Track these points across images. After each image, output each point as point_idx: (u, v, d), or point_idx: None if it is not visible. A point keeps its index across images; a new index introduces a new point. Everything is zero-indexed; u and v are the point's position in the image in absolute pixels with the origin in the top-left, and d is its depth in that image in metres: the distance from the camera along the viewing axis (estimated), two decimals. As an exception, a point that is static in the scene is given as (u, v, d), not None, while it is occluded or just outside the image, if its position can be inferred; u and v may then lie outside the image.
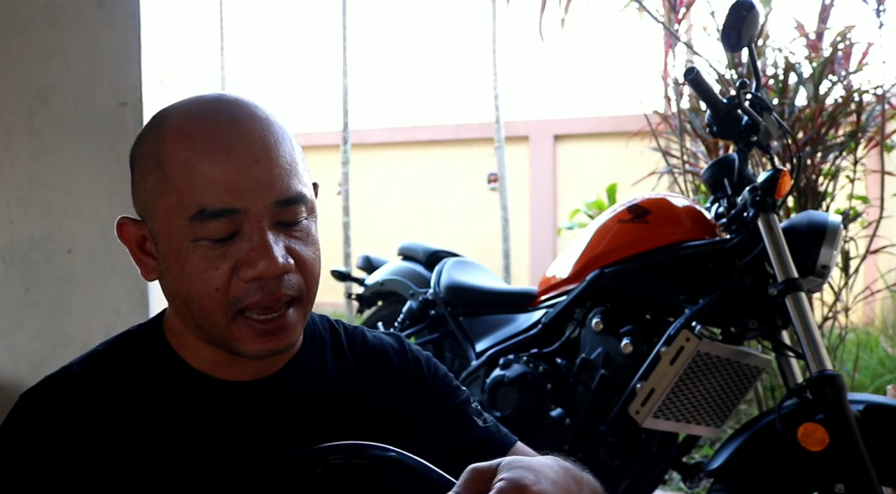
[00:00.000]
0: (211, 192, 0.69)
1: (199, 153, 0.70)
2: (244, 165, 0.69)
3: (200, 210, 0.69)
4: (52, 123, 1.93)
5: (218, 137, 0.70)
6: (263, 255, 0.69)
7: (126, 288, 1.92)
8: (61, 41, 1.93)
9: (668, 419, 1.68)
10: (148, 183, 0.73)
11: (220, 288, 0.70)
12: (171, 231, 0.71)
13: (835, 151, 2.69)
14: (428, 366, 0.88)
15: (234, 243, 0.70)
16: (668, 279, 1.74)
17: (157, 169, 0.72)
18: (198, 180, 0.69)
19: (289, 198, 0.71)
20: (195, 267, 0.70)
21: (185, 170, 0.70)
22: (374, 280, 2.56)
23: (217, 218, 0.69)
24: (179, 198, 0.70)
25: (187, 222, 0.69)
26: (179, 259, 0.71)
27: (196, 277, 0.70)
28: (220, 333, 0.72)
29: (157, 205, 0.72)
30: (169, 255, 0.72)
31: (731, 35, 1.58)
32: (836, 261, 1.66)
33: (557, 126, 7.43)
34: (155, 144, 0.72)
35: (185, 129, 0.71)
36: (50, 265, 1.93)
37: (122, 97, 1.92)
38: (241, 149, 0.70)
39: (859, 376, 3.41)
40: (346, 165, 6.27)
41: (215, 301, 0.70)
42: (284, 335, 0.73)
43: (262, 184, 0.70)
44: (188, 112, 0.73)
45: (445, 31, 10.89)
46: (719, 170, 1.77)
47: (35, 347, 1.92)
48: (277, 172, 0.71)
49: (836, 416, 1.44)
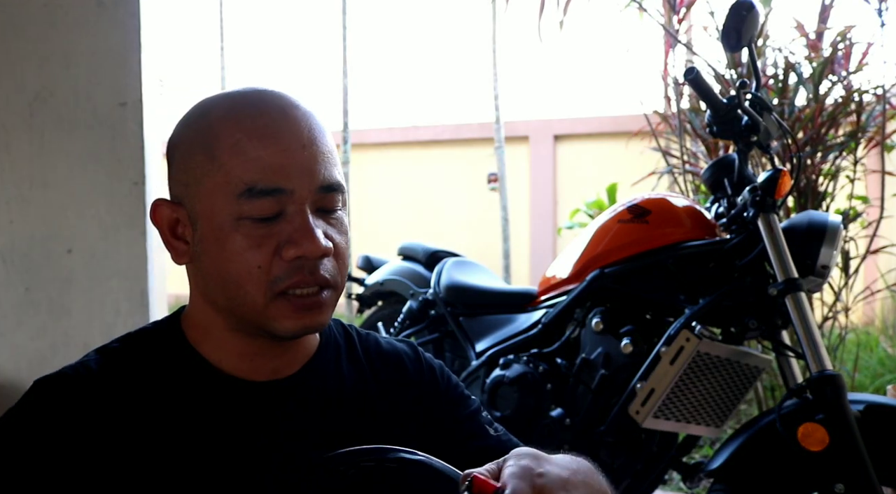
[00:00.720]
0: (260, 172, 0.71)
1: (248, 135, 0.72)
2: (292, 150, 0.72)
3: (249, 188, 0.71)
4: (52, 123, 1.93)
5: (267, 122, 0.73)
6: (306, 236, 0.71)
7: (126, 288, 1.92)
8: (61, 41, 1.93)
9: (668, 419, 1.68)
10: (191, 163, 0.74)
11: (262, 267, 0.71)
12: (213, 210, 0.72)
13: (835, 151, 2.69)
14: (441, 374, 0.89)
15: (277, 223, 0.72)
16: (669, 279, 1.74)
17: (203, 150, 0.73)
18: (248, 160, 0.71)
19: (331, 185, 0.74)
20: (237, 246, 0.71)
21: (234, 151, 0.72)
22: (374, 280, 2.56)
23: (264, 196, 0.71)
24: (227, 176, 0.71)
25: (234, 200, 0.71)
26: (221, 237, 0.72)
27: (238, 256, 0.71)
28: (256, 313, 0.73)
29: (200, 185, 0.73)
30: (209, 235, 0.73)
31: (731, 35, 1.58)
32: (836, 261, 1.66)
33: (557, 126, 7.43)
34: (201, 128, 0.74)
35: (234, 114, 0.74)
36: (50, 265, 1.93)
37: (122, 97, 1.92)
38: (289, 135, 0.73)
39: (859, 376, 3.42)
40: (346, 165, 6.27)
41: (256, 279, 0.71)
42: (318, 312, 0.74)
43: (308, 168, 0.73)
44: (235, 99, 0.75)
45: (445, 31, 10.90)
46: (719, 170, 1.77)
47: (35, 347, 1.92)
48: (321, 160, 0.74)
49: (836, 416, 1.44)
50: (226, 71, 7.38)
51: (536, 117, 7.60)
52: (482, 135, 7.21)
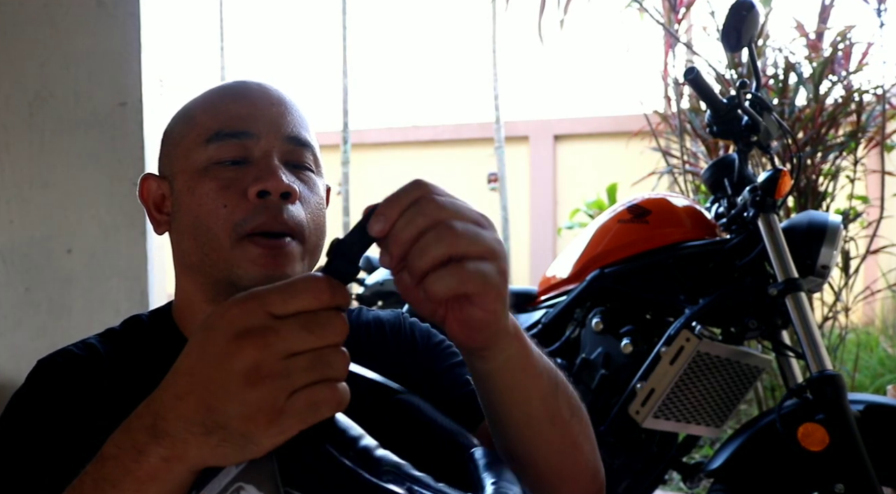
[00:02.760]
0: (228, 120, 0.75)
1: (221, 96, 0.77)
2: (260, 105, 0.76)
3: (216, 132, 0.74)
4: (52, 123, 1.93)
5: (241, 88, 0.78)
6: (269, 172, 0.73)
7: (126, 287, 1.92)
8: (61, 41, 1.93)
9: (668, 419, 1.68)
10: (174, 131, 0.79)
11: (228, 206, 0.72)
12: (187, 164, 0.76)
13: (835, 151, 2.69)
14: (421, 333, 0.89)
15: (244, 167, 0.74)
16: (669, 279, 1.74)
17: (183, 117, 0.79)
18: (218, 112, 0.76)
19: (298, 138, 0.77)
20: (206, 188, 0.73)
21: (206, 108, 0.77)
22: (375, 280, 2.56)
23: (230, 138, 0.74)
24: (199, 130, 0.75)
25: (203, 147, 0.74)
26: (192, 185, 0.74)
27: (206, 198, 0.73)
28: (223, 261, 0.73)
29: (178, 147, 0.77)
30: (183, 189, 0.75)
31: (731, 35, 1.58)
32: (836, 261, 1.66)
33: (557, 126, 7.44)
34: (186, 108, 0.80)
35: (215, 90, 0.80)
36: (50, 265, 1.93)
37: (122, 97, 1.92)
38: (260, 96, 0.77)
39: (859, 376, 3.42)
40: (346, 165, 6.27)
41: (222, 220, 0.72)
42: (283, 262, 0.73)
43: (275, 120, 0.76)
44: (222, 84, 0.81)
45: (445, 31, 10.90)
46: (719, 170, 1.77)
47: (35, 347, 1.92)
48: (290, 118, 0.77)
49: (836, 416, 1.44)
50: (226, 71, 7.38)
51: (536, 117, 7.60)
52: (482, 135, 7.21)
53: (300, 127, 0.77)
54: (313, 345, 0.46)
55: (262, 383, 0.44)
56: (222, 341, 0.45)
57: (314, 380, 0.45)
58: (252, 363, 0.44)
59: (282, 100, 0.78)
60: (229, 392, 0.44)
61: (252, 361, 0.44)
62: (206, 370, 0.46)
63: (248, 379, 0.44)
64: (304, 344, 0.45)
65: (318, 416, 0.46)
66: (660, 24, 3.00)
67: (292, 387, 0.45)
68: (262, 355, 0.44)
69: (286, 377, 0.44)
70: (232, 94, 0.77)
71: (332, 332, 0.47)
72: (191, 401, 0.46)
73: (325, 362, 0.46)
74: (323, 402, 0.46)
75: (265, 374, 0.44)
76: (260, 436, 0.45)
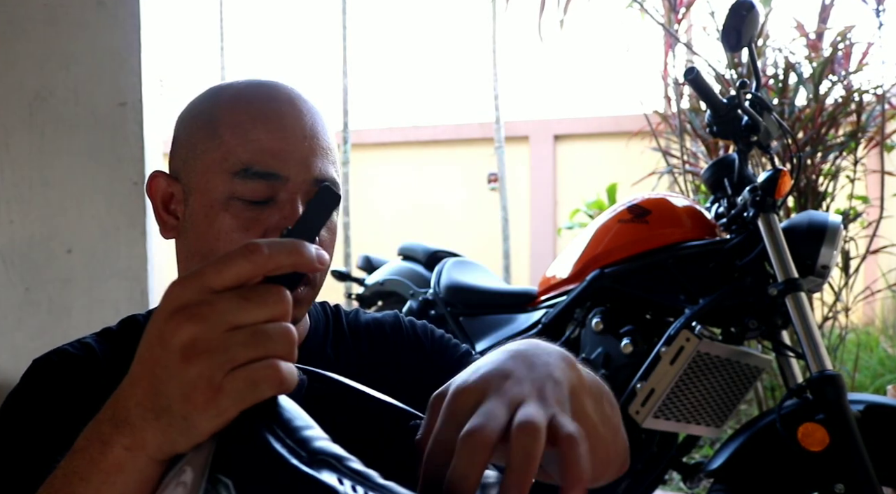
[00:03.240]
0: (258, 154, 0.71)
1: (253, 118, 0.73)
2: (294, 138, 0.73)
3: (245, 168, 0.71)
4: (52, 123, 1.93)
5: (273, 108, 0.74)
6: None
7: (126, 287, 1.92)
8: (61, 41, 1.93)
9: (668, 419, 1.68)
10: (193, 139, 0.75)
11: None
12: (207, 186, 0.73)
13: (835, 151, 2.69)
14: (424, 331, 0.88)
15: (267, 208, 0.72)
16: (669, 279, 1.74)
17: (207, 126, 0.74)
18: (248, 141, 0.72)
19: (325, 178, 0.74)
20: (225, 225, 0.71)
21: (236, 130, 0.72)
22: (375, 280, 2.56)
23: (259, 179, 0.71)
24: (225, 154, 0.72)
25: (228, 178, 0.72)
26: (210, 215, 0.72)
27: (224, 235, 0.71)
28: None
29: (198, 160, 0.74)
30: (198, 211, 0.73)
31: (731, 35, 1.58)
32: (836, 261, 1.66)
33: (557, 126, 7.44)
34: (210, 107, 0.76)
35: (242, 97, 0.75)
36: (50, 265, 1.93)
37: (122, 97, 1.92)
38: (292, 124, 0.73)
39: (859, 376, 3.42)
40: (346, 165, 6.27)
41: None
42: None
43: (305, 159, 0.73)
44: (247, 85, 0.77)
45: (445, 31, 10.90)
46: (719, 170, 1.77)
47: (35, 347, 1.92)
48: (320, 153, 0.75)
49: (837, 416, 1.44)
50: (226, 71, 7.37)
51: (536, 117, 7.60)
52: (482, 135, 7.22)
53: (328, 163, 0.75)
54: (254, 318, 0.43)
55: (198, 358, 0.42)
56: (161, 319, 0.43)
57: (255, 357, 0.43)
58: (188, 338, 0.42)
59: (314, 131, 0.75)
60: (170, 370, 0.42)
61: (188, 336, 0.42)
62: (151, 351, 0.44)
63: (185, 355, 0.42)
64: (242, 316, 0.43)
65: (258, 396, 0.43)
66: (660, 24, 3.00)
67: (231, 364, 0.42)
68: (197, 329, 0.42)
69: (224, 351, 0.42)
70: (264, 119, 0.73)
71: (274, 303, 0.44)
72: (142, 386, 0.44)
73: (266, 336, 0.43)
74: (263, 380, 0.42)
75: (202, 350, 0.42)
76: (198, 418, 0.43)
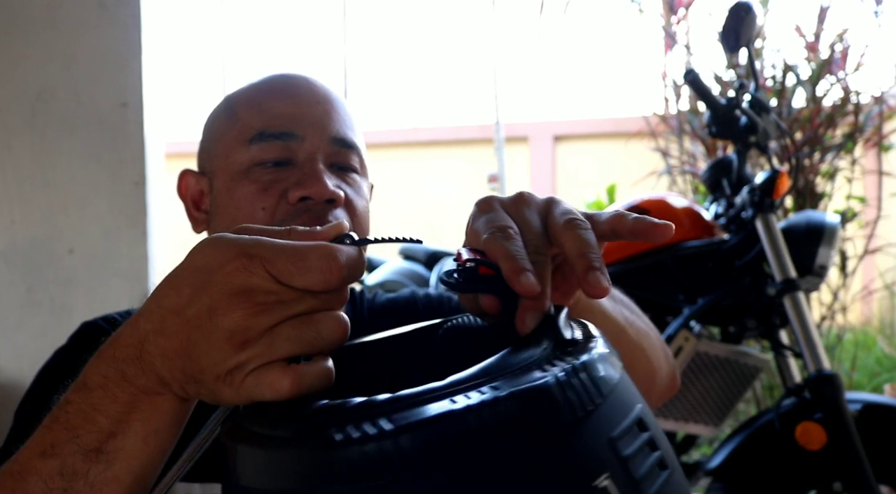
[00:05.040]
0: (272, 119, 0.72)
1: (266, 92, 0.74)
2: (306, 104, 0.73)
3: (260, 132, 0.72)
4: (53, 123, 1.94)
5: (286, 85, 0.75)
6: (314, 179, 0.70)
7: (127, 288, 1.93)
8: (63, 42, 1.93)
9: (667, 418, 1.69)
10: (214, 126, 0.77)
11: (267, 209, 0.70)
12: (227, 162, 0.73)
13: (832, 152, 2.70)
14: (440, 299, 0.86)
15: (286, 170, 0.71)
16: (667, 279, 1.75)
17: (225, 112, 0.76)
18: (262, 111, 0.73)
19: (344, 139, 0.74)
20: (246, 191, 0.71)
21: (250, 105, 0.74)
22: (375, 280, 2.56)
23: (274, 140, 0.71)
24: (242, 127, 0.73)
25: (246, 147, 0.72)
26: (232, 187, 0.72)
27: (245, 200, 0.71)
28: None
29: (219, 143, 0.75)
30: (222, 188, 0.74)
31: (730, 36, 1.59)
32: (833, 261, 1.67)
33: (557, 127, 7.44)
34: (228, 98, 0.78)
35: (260, 83, 0.77)
36: (51, 265, 1.94)
37: (123, 97, 1.93)
38: (306, 94, 0.74)
39: (857, 375, 3.42)
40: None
41: (259, 222, 0.69)
42: None
43: (321, 120, 0.73)
44: (263, 76, 0.78)
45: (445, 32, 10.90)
46: (718, 171, 1.77)
47: (36, 347, 1.93)
48: (335, 117, 0.74)
49: (834, 415, 1.45)
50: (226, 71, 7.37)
51: (536, 118, 7.61)
52: (482, 136, 7.22)
53: (346, 127, 0.75)
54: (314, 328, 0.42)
55: (243, 347, 0.41)
56: (217, 293, 0.41)
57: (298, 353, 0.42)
58: (241, 326, 0.41)
59: (328, 98, 0.75)
60: (210, 344, 0.41)
61: (242, 324, 0.41)
62: (197, 318, 0.41)
63: (232, 339, 0.40)
64: (301, 319, 0.42)
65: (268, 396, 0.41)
66: (659, 26, 3.01)
67: (272, 357, 0.41)
68: (254, 321, 0.41)
69: (269, 345, 0.41)
70: (276, 91, 0.74)
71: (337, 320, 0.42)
72: (174, 342, 0.42)
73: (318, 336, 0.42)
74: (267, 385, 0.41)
75: (252, 339, 0.41)
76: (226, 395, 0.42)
